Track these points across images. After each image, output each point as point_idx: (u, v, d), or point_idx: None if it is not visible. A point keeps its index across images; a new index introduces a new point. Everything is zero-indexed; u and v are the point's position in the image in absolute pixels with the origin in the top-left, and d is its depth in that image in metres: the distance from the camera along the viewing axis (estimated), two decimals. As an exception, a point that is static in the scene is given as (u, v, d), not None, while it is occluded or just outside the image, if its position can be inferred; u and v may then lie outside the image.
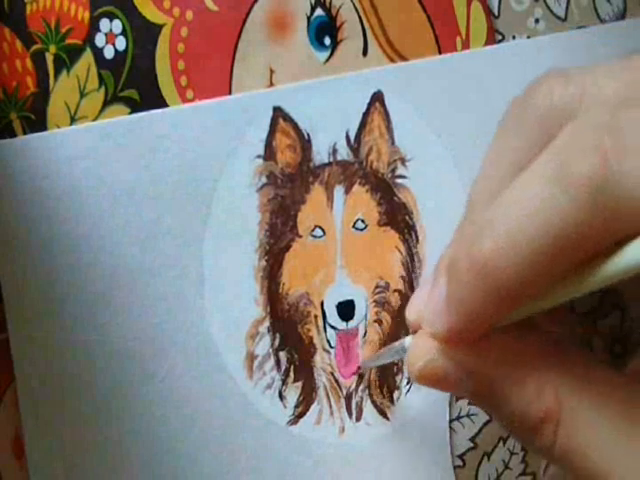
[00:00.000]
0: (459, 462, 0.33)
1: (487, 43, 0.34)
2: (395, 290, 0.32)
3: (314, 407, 0.32)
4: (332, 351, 0.32)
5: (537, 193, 0.18)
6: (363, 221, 0.32)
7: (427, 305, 0.22)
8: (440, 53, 0.33)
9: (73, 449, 0.29)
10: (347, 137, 0.32)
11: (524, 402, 0.21)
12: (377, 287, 0.32)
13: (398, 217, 0.32)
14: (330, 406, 0.32)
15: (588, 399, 0.20)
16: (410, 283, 0.32)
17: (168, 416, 0.30)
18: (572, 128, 0.19)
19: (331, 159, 0.31)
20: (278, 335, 0.31)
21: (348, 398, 0.32)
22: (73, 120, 0.29)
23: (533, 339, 0.22)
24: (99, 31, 0.29)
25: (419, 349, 0.23)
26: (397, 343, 0.28)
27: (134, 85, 0.30)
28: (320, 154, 0.31)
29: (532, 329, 0.22)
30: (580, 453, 0.20)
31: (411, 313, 0.26)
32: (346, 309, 0.31)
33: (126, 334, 0.30)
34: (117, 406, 0.30)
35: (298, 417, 0.31)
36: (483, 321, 0.21)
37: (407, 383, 0.33)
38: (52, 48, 0.29)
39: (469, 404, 0.33)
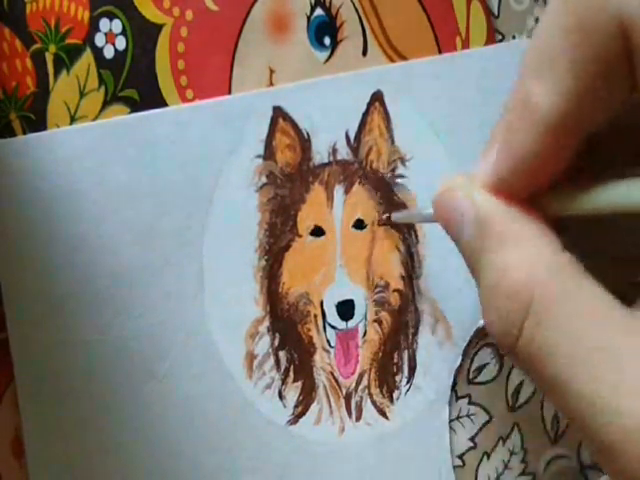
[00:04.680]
0: (459, 462, 0.33)
1: (487, 43, 0.34)
2: (395, 290, 0.32)
3: (314, 407, 0.32)
4: (332, 351, 0.32)
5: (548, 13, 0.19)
6: (363, 221, 0.32)
7: (482, 159, 0.22)
8: (440, 53, 0.33)
9: (73, 449, 0.29)
10: (347, 137, 0.32)
11: (501, 271, 0.20)
12: (377, 287, 0.32)
13: (398, 217, 0.32)
14: (330, 406, 0.32)
15: (567, 297, 0.19)
16: (410, 283, 0.32)
17: (168, 415, 0.30)
18: None
19: (331, 159, 0.31)
20: (278, 335, 0.31)
21: (348, 398, 0.32)
22: (73, 120, 0.29)
23: (544, 226, 0.21)
24: (99, 31, 0.29)
25: (452, 180, 0.23)
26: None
27: (134, 85, 0.30)
28: (320, 154, 0.31)
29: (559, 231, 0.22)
30: (543, 354, 0.18)
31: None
32: (346, 309, 0.31)
33: (126, 334, 0.30)
34: (117, 406, 0.30)
35: (298, 417, 0.31)
36: (533, 173, 0.20)
37: (407, 383, 0.33)
38: (52, 48, 0.29)
39: (469, 404, 0.33)
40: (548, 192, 0.21)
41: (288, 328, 0.31)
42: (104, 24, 0.29)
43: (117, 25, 0.29)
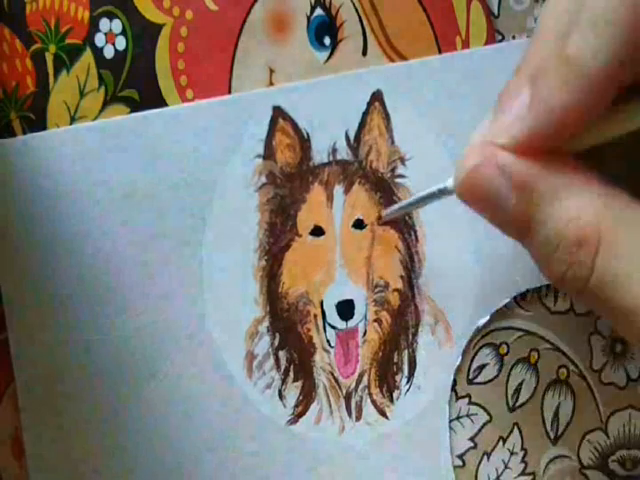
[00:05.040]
0: (459, 462, 0.33)
1: (487, 43, 0.34)
2: (395, 289, 0.32)
3: (314, 406, 0.32)
4: (332, 350, 0.32)
5: None
6: (363, 220, 0.32)
7: (501, 118, 0.22)
8: (440, 53, 0.33)
9: (73, 449, 0.29)
10: (347, 136, 0.32)
11: (566, 218, 0.20)
12: (377, 286, 0.32)
13: (398, 216, 0.32)
14: (330, 405, 0.32)
15: (633, 224, 0.20)
16: (409, 282, 0.32)
17: (168, 415, 0.30)
18: None
19: (331, 158, 0.31)
20: (278, 334, 0.31)
21: (348, 397, 0.32)
22: (73, 120, 0.29)
23: (585, 170, 0.21)
24: (99, 31, 0.29)
25: (473, 153, 0.22)
26: (439, 185, 0.26)
27: (134, 85, 0.30)
28: (320, 153, 0.31)
29: (595, 165, 0.22)
30: (618, 285, 0.19)
31: (476, 137, 0.23)
32: (346, 308, 0.31)
33: (126, 334, 0.30)
34: (117, 405, 0.30)
35: (298, 416, 0.31)
36: (569, 124, 0.20)
37: (407, 383, 0.33)
38: (52, 48, 0.29)
39: (469, 404, 0.33)
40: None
41: (288, 328, 0.31)
42: (104, 24, 0.29)
43: (117, 25, 0.29)
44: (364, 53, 0.32)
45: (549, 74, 0.20)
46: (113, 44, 0.29)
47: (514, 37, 0.34)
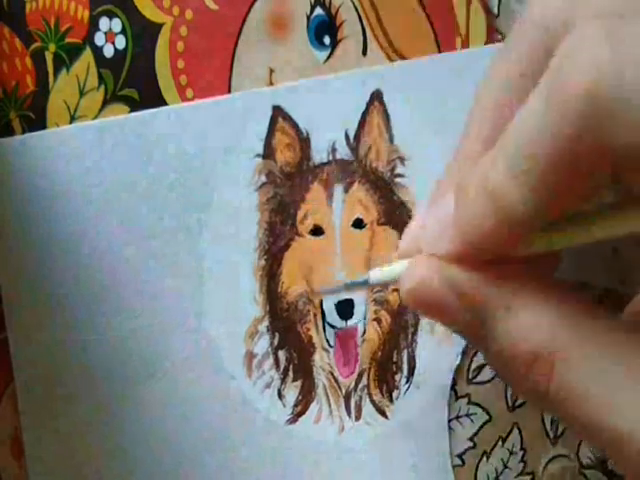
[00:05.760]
0: (458, 461, 0.33)
1: (487, 42, 0.34)
2: (394, 289, 0.32)
3: (313, 406, 0.32)
4: (331, 350, 0.32)
5: (533, 111, 0.18)
6: (362, 220, 0.32)
7: (429, 226, 0.21)
8: (440, 52, 0.33)
9: (72, 449, 0.29)
10: (346, 136, 0.32)
11: (519, 335, 0.19)
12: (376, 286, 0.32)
13: (397, 216, 0.32)
14: (329, 405, 0.32)
15: (588, 337, 0.19)
16: (409, 282, 0.32)
17: (168, 415, 0.30)
18: (568, 42, 0.17)
19: (330, 158, 0.31)
20: (277, 334, 0.31)
21: (347, 397, 0.32)
22: (73, 119, 0.29)
23: (537, 277, 0.20)
24: (99, 30, 0.29)
25: (414, 269, 0.21)
26: (362, 277, 0.25)
27: (134, 84, 0.30)
28: (319, 153, 0.31)
29: (539, 270, 0.21)
30: (575, 399, 0.19)
31: (406, 240, 0.23)
32: (345, 308, 0.31)
33: (124, 334, 0.30)
34: (116, 405, 0.30)
35: (297, 416, 0.31)
36: (490, 246, 0.20)
37: (406, 382, 0.33)
38: (52, 47, 0.29)
39: (469, 403, 0.33)
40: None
41: (287, 327, 0.31)
42: (104, 23, 0.29)
43: (117, 24, 0.29)
44: (364, 53, 0.32)
45: (471, 200, 0.19)
46: (113, 43, 0.29)
47: (514, 37, 0.34)
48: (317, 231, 0.31)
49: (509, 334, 0.20)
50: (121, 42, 0.29)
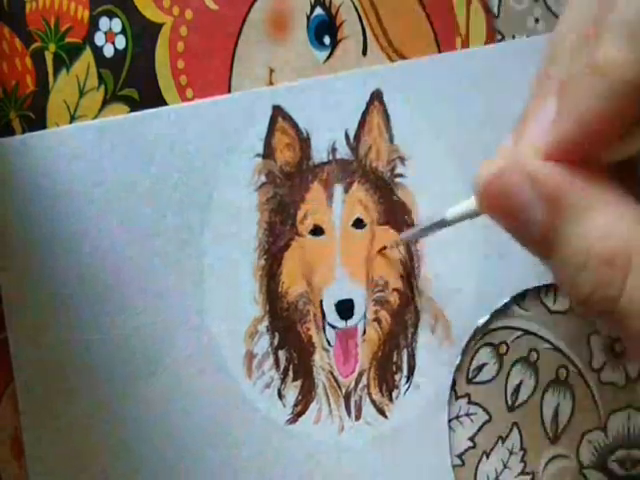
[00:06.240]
0: (458, 461, 0.33)
1: (487, 42, 0.34)
2: (394, 289, 0.32)
3: (313, 406, 0.32)
4: (331, 350, 0.32)
5: None
6: (362, 220, 0.32)
7: (527, 131, 0.20)
8: (440, 52, 0.33)
9: (73, 448, 0.29)
10: (346, 136, 0.32)
11: (596, 236, 0.19)
12: (376, 286, 0.32)
13: (397, 216, 0.32)
14: (329, 405, 0.32)
15: None
16: (409, 282, 0.32)
17: (168, 414, 0.30)
18: None
19: (330, 158, 0.31)
20: (277, 334, 0.31)
21: (347, 397, 0.32)
22: (72, 119, 0.29)
23: (617, 185, 0.20)
24: (99, 30, 0.29)
25: (495, 161, 0.20)
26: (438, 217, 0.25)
27: (133, 84, 0.30)
28: (319, 153, 0.31)
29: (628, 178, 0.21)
30: None
31: (500, 150, 0.21)
32: (345, 308, 0.31)
33: (126, 333, 0.30)
34: (117, 404, 0.30)
35: (297, 416, 0.31)
36: (601, 135, 0.19)
37: (406, 382, 0.33)
38: (52, 47, 0.29)
39: (468, 403, 0.33)
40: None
41: (287, 327, 0.31)
42: (104, 23, 0.29)
43: (117, 24, 0.29)
44: (364, 52, 0.32)
45: (578, 84, 0.19)
46: (113, 43, 0.29)
47: (514, 37, 0.34)
48: (317, 231, 0.31)
49: (585, 235, 0.19)
50: (121, 42, 0.29)
